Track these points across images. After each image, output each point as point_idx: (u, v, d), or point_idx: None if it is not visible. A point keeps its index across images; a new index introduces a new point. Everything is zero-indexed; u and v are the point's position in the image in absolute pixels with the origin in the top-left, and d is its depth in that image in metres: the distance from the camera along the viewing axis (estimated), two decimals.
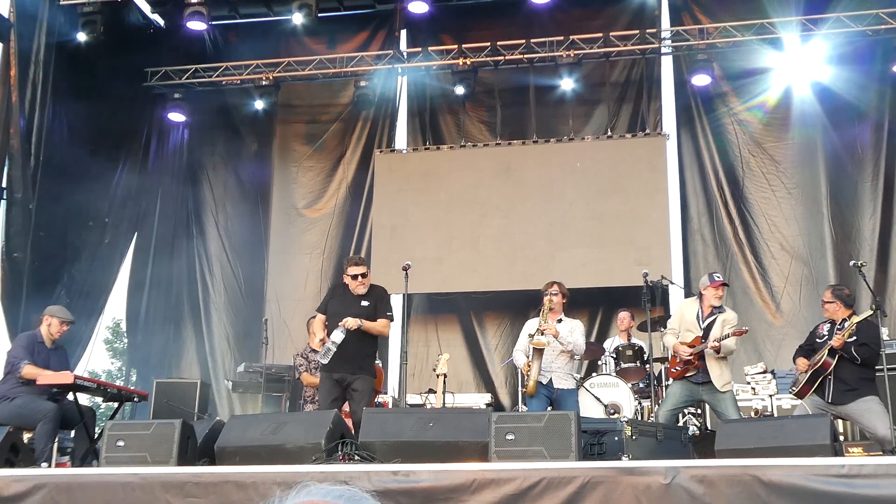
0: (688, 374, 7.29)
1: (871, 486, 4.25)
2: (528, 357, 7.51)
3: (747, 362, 10.74)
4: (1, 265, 10.54)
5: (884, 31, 11.36)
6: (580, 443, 5.21)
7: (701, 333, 7.32)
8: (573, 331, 7.57)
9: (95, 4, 11.15)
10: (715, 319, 7.36)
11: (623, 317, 10.06)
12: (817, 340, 7.30)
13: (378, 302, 7.34)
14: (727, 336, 7.16)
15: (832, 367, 6.98)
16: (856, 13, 11.40)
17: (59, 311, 7.59)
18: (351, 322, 6.96)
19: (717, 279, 7.48)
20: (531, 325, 7.75)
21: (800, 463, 4.49)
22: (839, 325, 7.11)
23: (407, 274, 8.20)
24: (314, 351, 8.43)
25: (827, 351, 7.01)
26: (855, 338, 6.96)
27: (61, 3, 11.18)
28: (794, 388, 7.29)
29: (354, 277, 7.29)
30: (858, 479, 4.29)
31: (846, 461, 4.54)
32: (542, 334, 7.33)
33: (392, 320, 7.37)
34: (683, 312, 7.60)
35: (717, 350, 7.15)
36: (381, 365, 8.17)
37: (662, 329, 9.32)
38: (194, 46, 13.28)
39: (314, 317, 7.74)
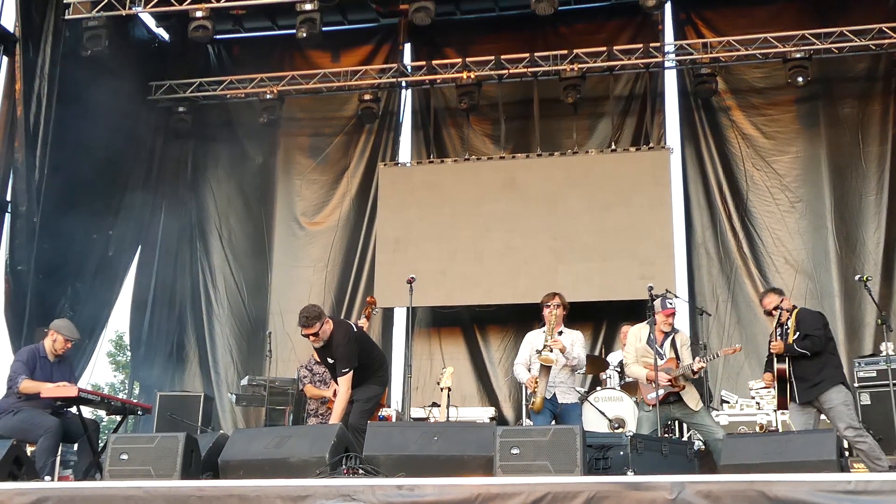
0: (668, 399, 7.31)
1: (877, 502, 4.22)
2: (530, 371, 7.50)
3: (752, 377, 10.72)
4: (5, 278, 10.55)
5: (887, 46, 11.39)
6: (585, 457, 5.18)
7: (659, 356, 7.27)
8: (574, 343, 7.52)
9: (101, 19, 11.20)
10: (673, 340, 7.37)
11: (626, 331, 10.01)
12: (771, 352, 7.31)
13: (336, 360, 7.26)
14: (715, 356, 7.19)
15: (787, 370, 6.96)
16: (859, 27, 11.45)
17: (66, 329, 7.54)
18: None
19: (668, 306, 7.47)
20: (532, 338, 7.67)
21: (806, 478, 4.46)
22: (784, 325, 7.10)
23: (411, 287, 8.19)
24: (318, 363, 8.42)
25: (776, 358, 7.02)
26: (798, 333, 6.95)
27: (67, 17, 11.23)
28: (773, 407, 7.30)
29: (307, 337, 7.18)
30: (865, 494, 4.26)
31: (852, 477, 4.52)
32: (551, 350, 7.28)
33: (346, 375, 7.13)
34: (639, 338, 7.58)
35: (696, 373, 7.23)
36: None
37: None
38: (199, 60, 13.36)
39: None
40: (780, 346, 6.98)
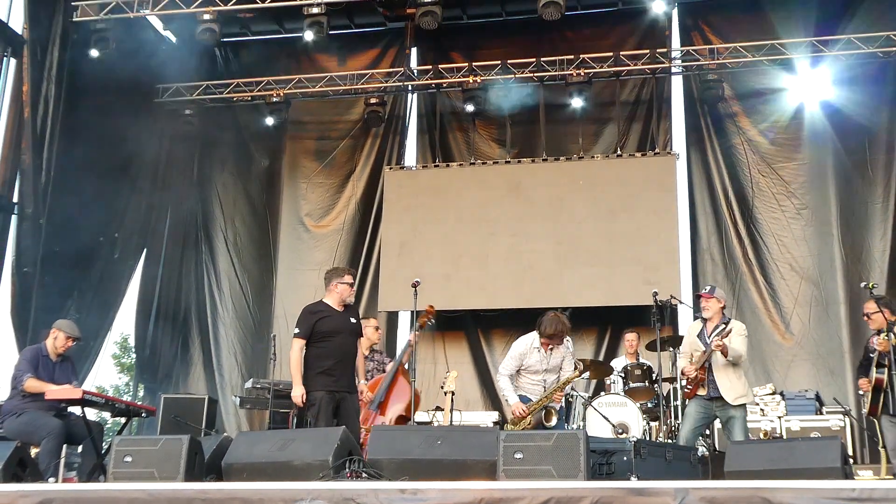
0: (699, 392, 7.17)
1: None
2: (516, 384, 7.50)
3: (756, 383, 10.70)
4: (11, 280, 10.59)
5: (894, 53, 11.37)
6: (589, 462, 5.18)
7: (706, 348, 7.25)
8: (564, 358, 7.51)
9: (108, 21, 11.24)
10: (721, 330, 7.30)
11: (630, 339, 9.99)
12: (870, 355, 7.27)
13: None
14: (719, 338, 6.99)
15: (885, 381, 6.91)
16: (866, 35, 11.44)
17: (67, 327, 7.58)
18: None
19: (703, 291, 7.43)
20: (524, 351, 7.50)
21: (810, 485, 4.45)
22: (885, 332, 7.03)
23: (416, 291, 8.19)
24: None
25: (875, 366, 6.97)
26: None
27: (74, 19, 11.27)
28: (864, 410, 7.26)
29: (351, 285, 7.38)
30: (869, 502, 4.25)
31: (857, 484, 4.50)
32: (556, 410, 7.32)
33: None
34: (690, 334, 7.55)
35: (724, 352, 6.89)
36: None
37: (671, 349, 9.29)
38: (206, 63, 13.39)
39: None
40: (886, 343, 6.87)
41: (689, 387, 7.26)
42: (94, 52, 11.29)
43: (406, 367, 7.95)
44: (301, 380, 7.05)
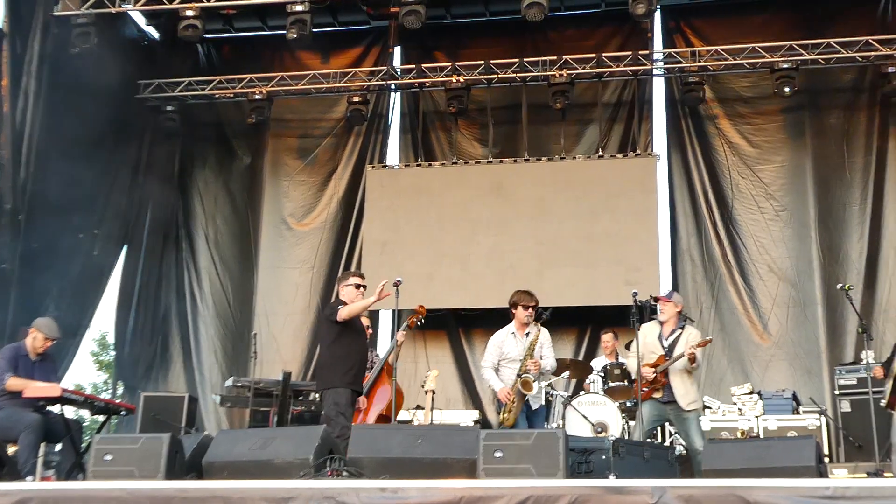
0: (654, 395, 7.40)
1: None
2: (500, 374, 7.70)
3: (734, 383, 10.81)
4: None
5: (874, 58, 11.50)
6: (568, 461, 5.23)
7: (665, 352, 7.39)
8: (543, 345, 7.72)
9: (90, 16, 11.15)
10: (678, 337, 7.45)
11: (606, 339, 10.05)
12: None
13: None
14: (692, 347, 7.24)
15: None
16: (846, 39, 11.55)
17: (46, 327, 7.55)
18: None
19: (661, 294, 7.72)
20: (501, 341, 7.87)
21: (785, 484, 4.52)
22: None
23: (398, 290, 8.19)
24: None
25: None
26: None
27: (55, 13, 11.19)
28: (882, 402, 7.35)
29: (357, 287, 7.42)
30: (843, 500, 4.32)
31: (831, 483, 4.57)
32: (535, 380, 7.50)
33: None
34: (645, 335, 7.69)
35: (693, 360, 7.20)
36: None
37: (627, 351, 9.38)
38: (188, 59, 13.33)
39: None
40: None
41: (645, 388, 7.41)
42: (75, 47, 11.19)
43: (392, 365, 8.00)
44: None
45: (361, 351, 7.38)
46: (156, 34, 13.36)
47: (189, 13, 11.26)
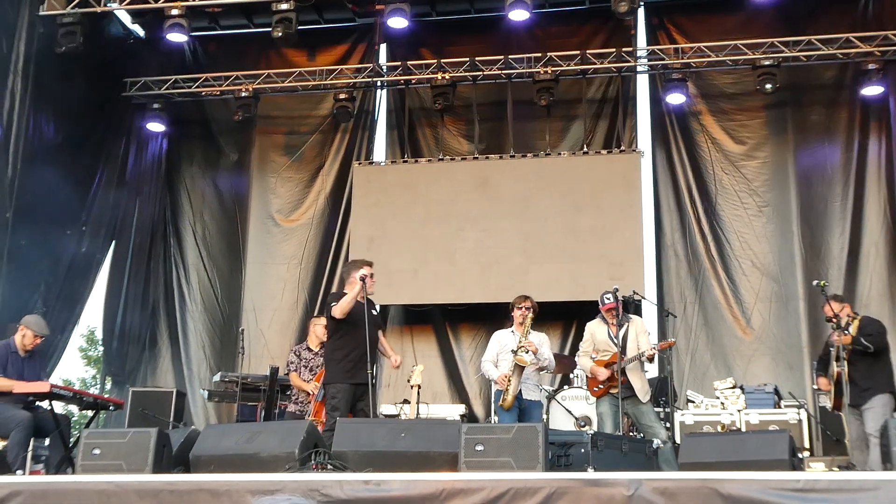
0: (611, 391, 7.56)
1: (824, 500, 4.40)
2: (498, 368, 7.82)
3: (717, 377, 10.94)
4: None
5: (854, 55, 11.64)
6: (547, 454, 5.33)
7: (619, 349, 7.53)
8: (541, 344, 7.86)
9: (75, 15, 11.15)
10: (627, 330, 7.59)
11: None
12: (829, 349, 7.53)
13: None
14: (654, 347, 7.53)
15: (843, 373, 7.17)
16: (827, 36, 11.67)
17: (35, 324, 7.61)
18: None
19: (605, 302, 7.77)
20: (501, 337, 8.06)
21: (757, 477, 4.63)
22: (844, 326, 7.34)
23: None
24: (308, 349, 8.75)
25: (835, 360, 7.23)
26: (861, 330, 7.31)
27: (41, 13, 11.20)
28: (828, 405, 7.54)
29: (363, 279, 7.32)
30: (813, 493, 4.44)
31: (802, 476, 4.70)
32: (526, 352, 7.56)
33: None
34: (594, 333, 7.86)
35: (651, 359, 7.56)
36: None
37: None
38: (174, 57, 13.34)
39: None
40: (848, 337, 7.23)
41: (600, 386, 7.57)
42: (61, 46, 11.21)
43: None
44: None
45: (360, 343, 7.08)
46: (141, 32, 13.38)
47: (174, 11, 11.30)
